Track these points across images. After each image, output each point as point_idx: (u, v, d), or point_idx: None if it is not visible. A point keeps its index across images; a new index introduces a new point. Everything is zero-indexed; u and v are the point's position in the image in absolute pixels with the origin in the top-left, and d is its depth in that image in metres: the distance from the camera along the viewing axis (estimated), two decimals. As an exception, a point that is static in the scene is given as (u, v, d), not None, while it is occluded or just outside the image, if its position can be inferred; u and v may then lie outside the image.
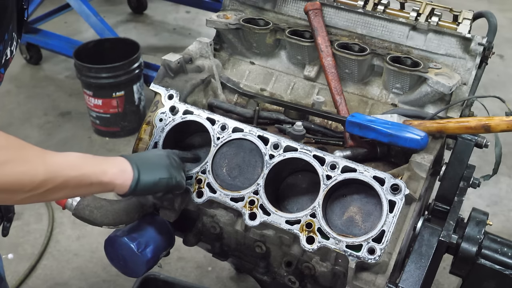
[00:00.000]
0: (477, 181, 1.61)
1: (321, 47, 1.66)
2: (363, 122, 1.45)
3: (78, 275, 2.80)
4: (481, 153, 2.44)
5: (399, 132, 1.41)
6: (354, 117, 1.48)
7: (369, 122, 1.45)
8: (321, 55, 1.66)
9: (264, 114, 1.69)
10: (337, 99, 1.65)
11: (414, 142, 1.39)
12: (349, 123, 1.49)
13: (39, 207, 3.19)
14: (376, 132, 1.43)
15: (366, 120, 1.46)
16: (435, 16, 1.68)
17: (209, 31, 1.80)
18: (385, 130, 1.42)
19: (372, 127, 1.44)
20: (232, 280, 2.79)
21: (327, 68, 1.66)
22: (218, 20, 1.79)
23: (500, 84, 4.59)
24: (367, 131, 1.45)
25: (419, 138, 1.39)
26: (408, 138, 1.40)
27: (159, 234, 1.53)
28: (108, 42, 3.91)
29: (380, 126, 1.43)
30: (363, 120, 1.46)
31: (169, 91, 1.56)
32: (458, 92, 1.61)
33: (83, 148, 3.71)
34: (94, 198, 1.44)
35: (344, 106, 1.64)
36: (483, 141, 1.56)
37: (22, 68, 4.65)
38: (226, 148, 1.47)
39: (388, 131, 1.41)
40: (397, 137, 1.41)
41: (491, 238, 1.46)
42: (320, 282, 1.51)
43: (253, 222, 1.37)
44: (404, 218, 1.37)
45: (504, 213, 3.28)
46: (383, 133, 1.42)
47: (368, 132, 1.45)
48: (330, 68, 1.66)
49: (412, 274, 1.34)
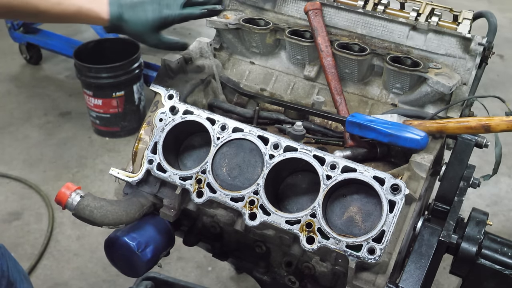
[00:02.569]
0: (477, 181, 1.61)
1: (321, 47, 1.66)
2: (363, 122, 1.45)
3: (78, 275, 2.80)
4: (481, 153, 2.44)
5: (399, 132, 1.41)
6: (354, 117, 1.48)
7: (369, 122, 1.45)
8: (321, 55, 1.66)
9: (264, 114, 1.69)
10: (337, 99, 1.65)
11: (414, 142, 1.40)
12: (349, 123, 1.49)
13: (39, 207, 3.20)
14: (376, 132, 1.43)
15: (366, 120, 1.46)
16: (435, 16, 1.68)
17: (209, 31, 1.80)
18: (385, 130, 1.42)
19: (372, 127, 1.44)
20: (232, 280, 2.79)
21: (327, 68, 1.66)
22: (218, 20, 1.79)
23: (500, 84, 4.60)
24: (367, 131, 1.45)
25: (419, 138, 1.39)
26: (408, 138, 1.40)
27: (159, 234, 1.53)
28: (108, 42, 3.91)
29: (380, 126, 1.43)
30: (363, 120, 1.46)
31: (169, 91, 1.56)
32: (458, 92, 1.61)
33: (83, 148, 3.71)
34: (94, 198, 1.44)
35: (344, 106, 1.64)
36: (483, 141, 1.56)
37: (22, 68, 4.65)
38: (226, 148, 1.47)
39: (388, 131, 1.41)
40: (397, 137, 1.41)
41: (491, 238, 1.46)
42: (320, 282, 1.51)
43: (253, 222, 1.37)
44: (404, 218, 1.37)
45: (504, 213, 3.28)
46: (383, 133, 1.42)
47: (368, 132, 1.45)
48: (330, 68, 1.66)
49: (412, 274, 1.34)
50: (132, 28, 1.43)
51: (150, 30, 1.44)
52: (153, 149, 1.50)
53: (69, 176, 3.44)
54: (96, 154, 3.67)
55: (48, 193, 3.28)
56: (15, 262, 1.61)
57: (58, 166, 3.54)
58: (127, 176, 1.53)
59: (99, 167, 3.53)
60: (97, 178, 3.44)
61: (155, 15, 1.42)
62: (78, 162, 3.58)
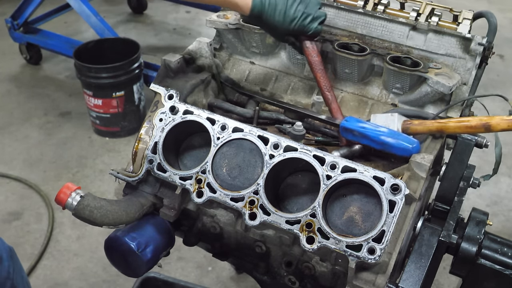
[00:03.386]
0: (477, 181, 1.61)
1: (305, 44, 1.66)
2: (355, 129, 1.47)
3: (78, 275, 2.80)
4: (481, 153, 2.44)
5: (391, 140, 1.43)
6: (348, 122, 1.48)
7: (362, 129, 1.46)
8: (307, 51, 1.66)
9: (264, 114, 1.69)
10: (328, 96, 1.64)
11: (405, 151, 1.41)
12: (343, 129, 1.50)
13: (39, 207, 3.20)
14: (368, 139, 1.45)
15: (359, 127, 1.46)
16: (435, 16, 1.68)
17: (209, 31, 1.80)
18: (378, 138, 1.43)
19: (365, 134, 1.45)
20: (232, 280, 2.79)
21: (314, 66, 1.65)
22: (218, 20, 1.79)
23: (500, 84, 4.60)
24: (360, 138, 1.47)
25: (411, 147, 1.41)
26: (400, 147, 1.41)
27: (159, 234, 1.53)
28: (108, 42, 3.91)
29: (372, 134, 1.44)
30: (355, 126, 1.47)
31: (169, 91, 1.56)
32: (458, 92, 1.61)
33: (83, 148, 3.71)
34: (94, 198, 1.44)
35: (336, 104, 1.63)
36: (483, 141, 1.56)
37: (22, 68, 4.66)
38: (226, 148, 1.47)
39: (380, 139, 1.43)
40: (389, 146, 1.43)
41: (491, 238, 1.46)
42: (320, 282, 1.51)
43: (253, 222, 1.37)
44: (404, 218, 1.37)
45: (504, 213, 3.28)
46: (375, 140, 1.44)
47: (361, 138, 1.47)
48: (317, 65, 1.65)
49: (412, 274, 1.34)
50: (271, 20, 1.56)
51: (288, 23, 1.56)
52: (153, 149, 1.50)
53: (69, 176, 3.44)
54: (96, 154, 3.67)
55: (48, 193, 3.28)
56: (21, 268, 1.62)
57: (58, 166, 3.54)
58: (127, 176, 1.53)
59: (99, 167, 3.54)
60: (97, 178, 3.44)
61: (295, 11, 1.56)
62: (78, 162, 3.58)
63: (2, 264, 1.48)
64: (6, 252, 1.52)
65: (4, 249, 1.52)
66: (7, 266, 1.50)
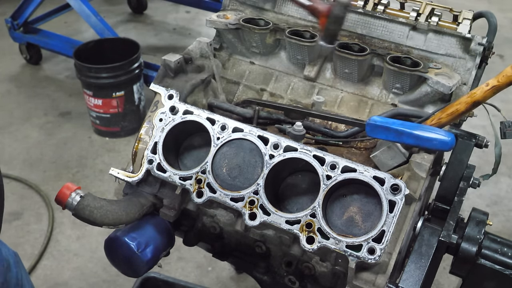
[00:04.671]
0: (477, 181, 1.61)
1: None
2: (389, 125, 1.38)
3: (78, 275, 2.80)
4: (481, 153, 2.44)
5: (426, 134, 1.34)
6: (376, 120, 1.40)
7: (394, 124, 1.37)
8: None
9: (264, 114, 1.69)
10: None
11: (444, 143, 1.33)
12: (371, 126, 1.40)
13: (39, 207, 3.20)
14: (403, 134, 1.37)
15: (391, 123, 1.38)
16: (435, 16, 1.68)
17: (209, 31, 1.80)
18: (412, 132, 1.35)
19: (400, 130, 1.37)
20: (232, 280, 2.79)
21: None
22: (218, 20, 1.79)
23: (500, 84, 4.59)
24: (392, 134, 1.38)
25: (448, 140, 1.33)
26: (438, 139, 1.33)
27: (159, 234, 1.53)
28: (108, 42, 3.91)
29: (407, 128, 1.36)
30: (388, 123, 1.39)
31: (169, 91, 1.56)
32: (458, 92, 1.61)
33: (83, 148, 3.71)
34: (94, 198, 1.44)
35: None
36: (483, 141, 1.56)
37: (22, 68, 4.65)
38: (226, 148, 1.47)
39: (415, 133, 1.35)
40: (425, 140, 1.34)
41: (491, 238, 1.46)
42: (320, 282, 1.51)
43: (253, 222, 1.37)
44: (404, 218, 1.37)
45: (504, 213, 3.28)
46: (410, 135, 1.36)
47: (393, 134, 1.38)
48: None
49: (412, 274, 1.34)
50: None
51: None
52: (153, 149, 1.50)
53: (69, 176, 3.44)
54: (96, 154, 3.67)
55: (48, 193, 3.28)
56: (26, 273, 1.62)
57: (58, 166, 3.54)
58: (127, 176, 1.53)
59: (99, 167, 3.53)
60: (97, 178, 3.44)
61: None
62: (78, 162, 3.57)
63: (10, 271, 1.48)
64: (13, 258, 1.52)
65: (10, 255, 1.51)
66: (15, 273, 1.50)
